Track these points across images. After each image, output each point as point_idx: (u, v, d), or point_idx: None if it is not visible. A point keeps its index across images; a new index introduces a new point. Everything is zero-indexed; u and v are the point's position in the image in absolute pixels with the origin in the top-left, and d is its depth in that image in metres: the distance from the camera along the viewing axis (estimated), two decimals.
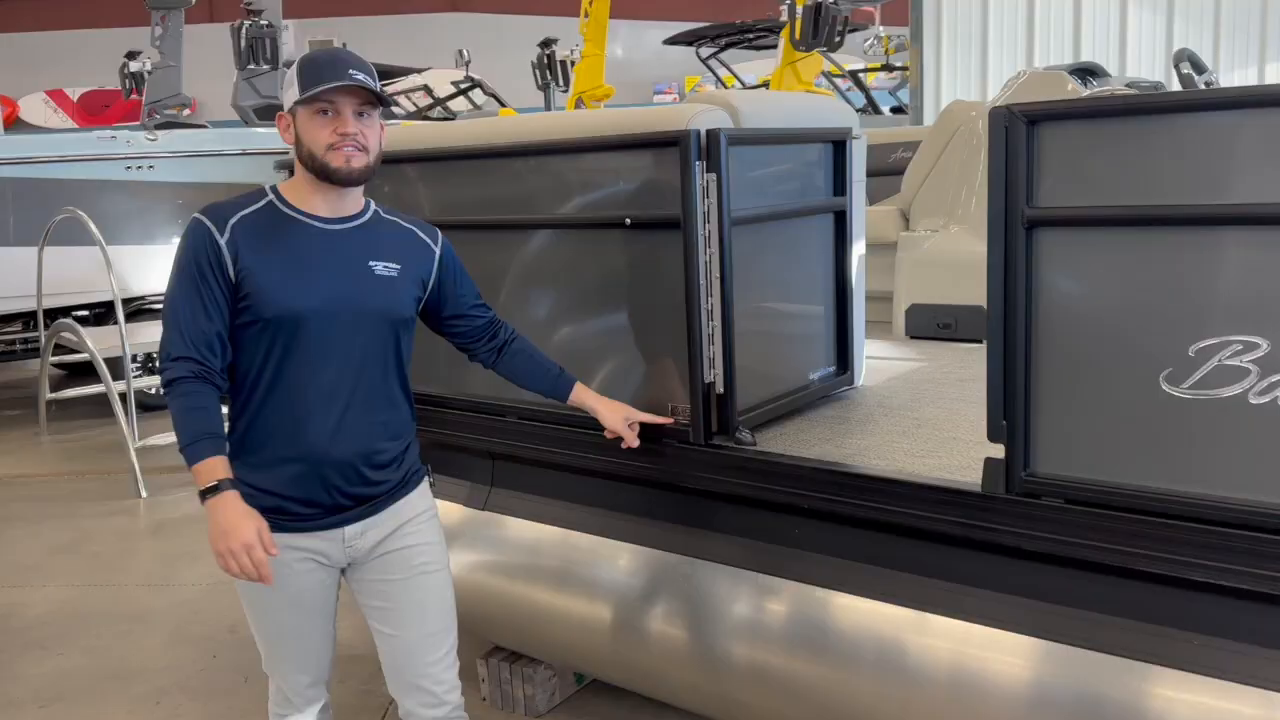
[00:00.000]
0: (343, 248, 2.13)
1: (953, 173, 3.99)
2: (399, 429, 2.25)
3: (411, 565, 2.27)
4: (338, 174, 2.08)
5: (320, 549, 2.19)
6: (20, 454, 6.92)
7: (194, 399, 2.02)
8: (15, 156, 7.49)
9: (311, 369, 2.10)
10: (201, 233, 2.07)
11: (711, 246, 2.46)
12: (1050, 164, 1.99)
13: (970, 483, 2.15)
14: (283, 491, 2.13)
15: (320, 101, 2.05)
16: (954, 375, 3.23)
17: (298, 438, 2.11)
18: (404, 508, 2.27)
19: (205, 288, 2.05)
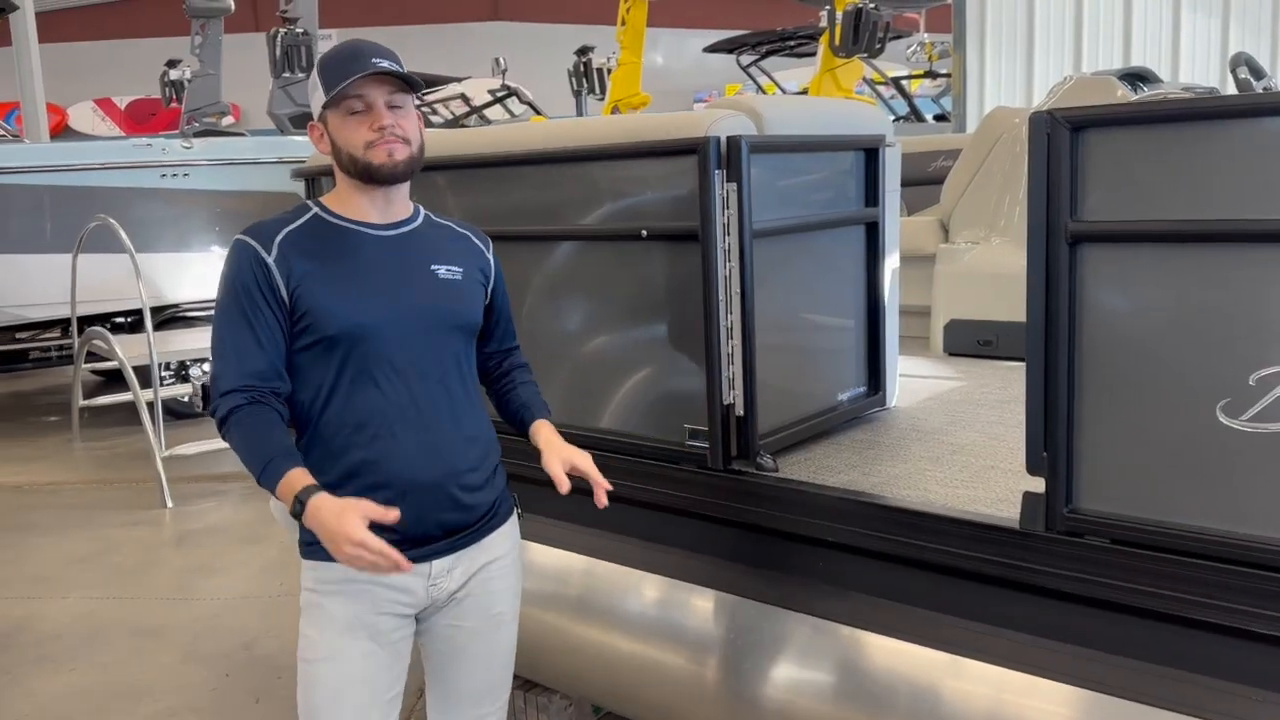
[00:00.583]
0: (401, 253, 1.96)
1: (995, 182, 3.82)
2: (486, 446, 2.07)
3: (488, 614, 2.07)
4: (382, 171, 1.90)
5: (402, 587, 1.96)
6: (53, 460, 6.93)
7: (253, 424, 1.84)
8: (53, 164, 7.53)
9: (386, 385, 1.91)
10: (247, 254, 1.89)
11: (731, 260, 2.32)
12: (1096, 174, 1.83)
13: (1007, 518, 1.99)
14: None
15: (349, 99, 1.88)
16: (994, 396, 3.06)
17: (379, 463, 1.91)
18: (490, 545, 2.07)
19: (255, 313, 1.87)
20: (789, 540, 2.37)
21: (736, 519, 2.42)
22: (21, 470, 6.70)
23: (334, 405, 1.92)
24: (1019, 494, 2.16)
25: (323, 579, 1.97)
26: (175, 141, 8.01)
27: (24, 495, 6.18)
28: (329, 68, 1.90)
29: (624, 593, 2.69)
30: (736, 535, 2.47)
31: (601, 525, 2.76)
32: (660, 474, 2.52)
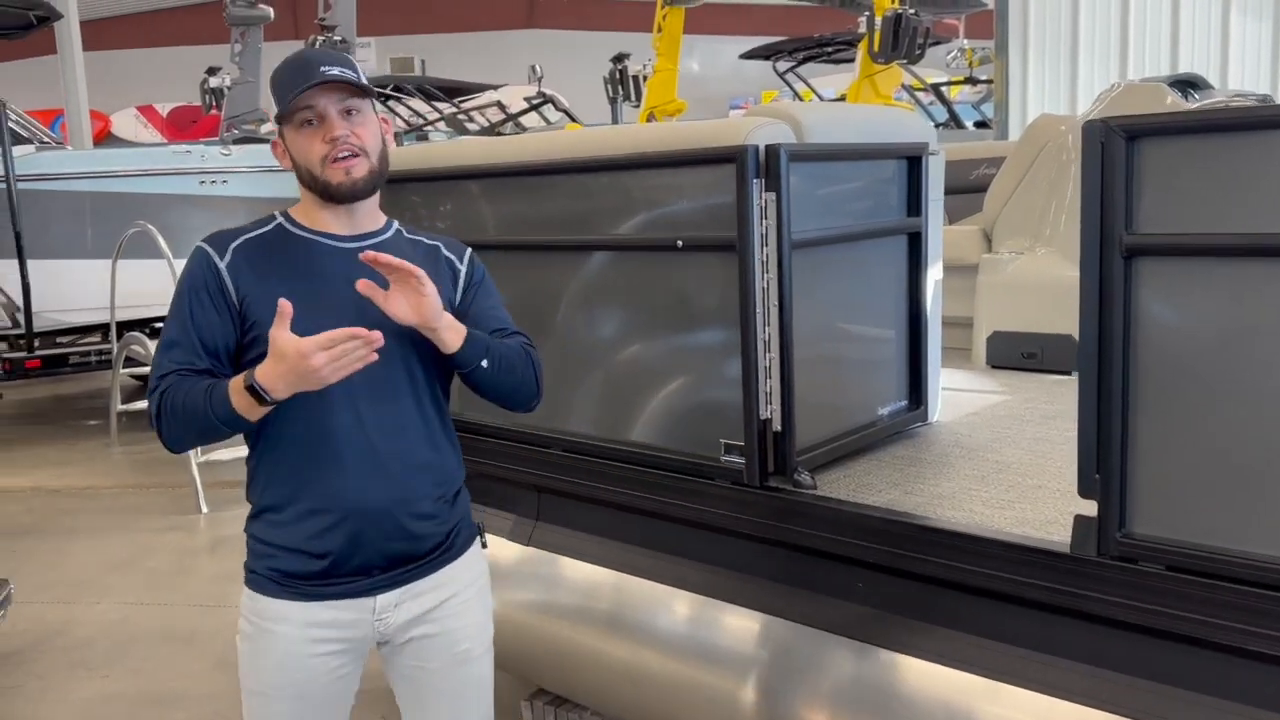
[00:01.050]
0: (360, 267, 1.83)
1: (1040, 191, 3.73)
2: (443, 475, 1.96)
3: (452, 653, 1.98)
4: (340, 190, 1.83)
5: (345, 622, 1.89)
6: (91, 464, 6.99)
7: (185, 384, 1.77)
8: (94, 170, 7.61)
9: (334, 405, 1.83)
10: (200, 258, 1.86)
11: (769, 271, 2.26)
12: (1152, 184, 1.75)
13: (1057, 542, 1.91)
14: (307, 548, 1.85)
15: (300, 111, 1.81)
16: (1039, 411, 2.97)
17: (324, 486, 1.84)
18: (449, 577, 1.97)
19: (203, 314, 1.83)
20: (827, 559, 2.30)
21: (772, 537, 2.36)
22: (60, 473, 6.76)
23: (280, 423, 1.84)
24: (1069, 516, 2.08)
25: (258, 612, 1.91)
26: (214, 148, 8.07)
27: (62, 498, 6.23)
28: (279, 82, 1.83)
29: (656, 609, 2.63)
30: (772, 553, 2.41)
31: (633, 540, 2.71)
32: (694, 489, 2.46)
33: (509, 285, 2.83)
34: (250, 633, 1.92)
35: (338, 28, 8.03)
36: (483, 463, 2.98)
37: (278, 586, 1.89)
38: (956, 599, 2.08)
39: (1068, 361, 3.50)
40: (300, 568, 1.87)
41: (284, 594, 1.88)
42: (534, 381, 1.99)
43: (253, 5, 9.42)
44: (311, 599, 1.88)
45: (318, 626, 1.88)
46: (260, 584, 1.91)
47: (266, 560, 1.89)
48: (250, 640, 1.92)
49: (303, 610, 1.88)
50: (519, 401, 2.00)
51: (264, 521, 1.90)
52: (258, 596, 1.91)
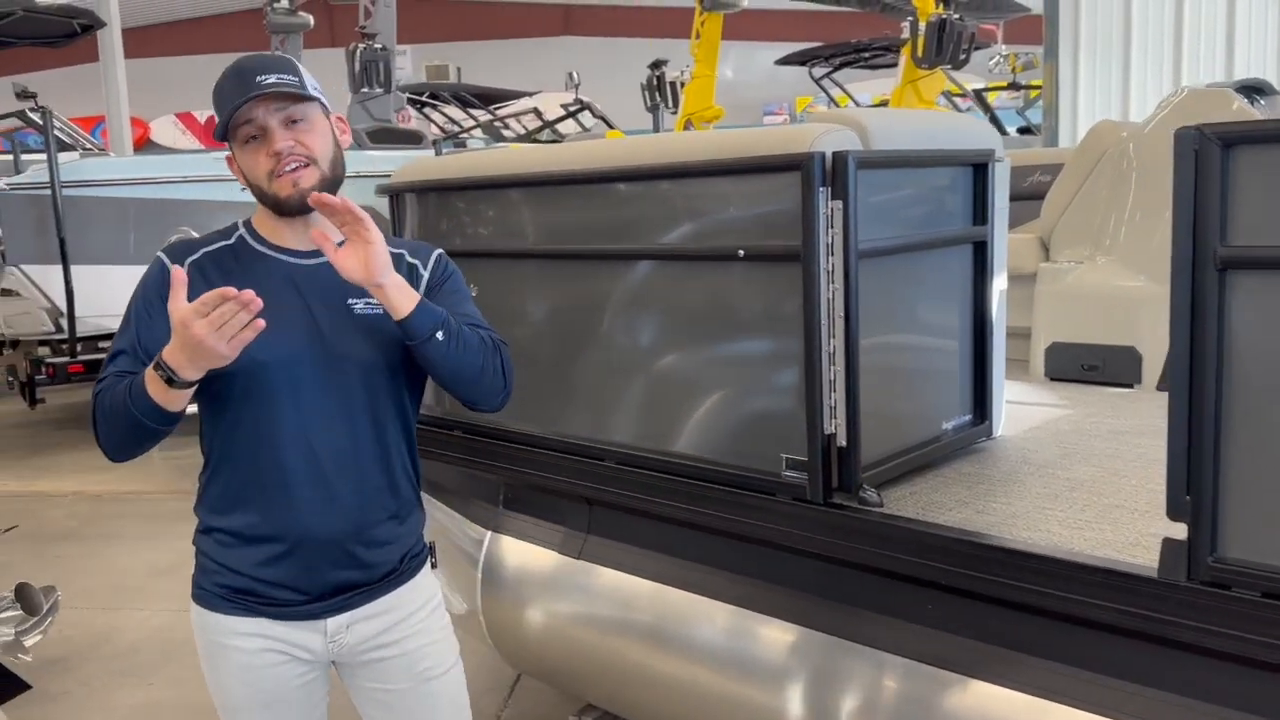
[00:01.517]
0: (317, 285, 1.81)
1: (1100, 199, 3.64)
2: (399, 502, 1.93)
3: (415, 672, 1.96)
4: (289, 203, 1.77)
5: (297, 640, 1.88)
6: (132, 470, 7.00)
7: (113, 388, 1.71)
8: (137, 177, 7.66)
9: (285, 428, 1.79)
10: (155, 270, 1.83)
11: (835, 282, 2.19)
12: (1248, 195, 1.68)
13: (1144, 566, 1.83)
14: (255, 574, 1.83)
15: (242, 127, 1.75)
16: (1105, 426, 2.89)
17: (274, 513, 1.81)
18: (400, 600, 1.95)
19: (149, 324, 1.77)
20: (893, 579, 2.23)
21: (836, 555, 2.29)
22: (102, 479, 6.80)
23: (232, 446, 1.81)
24: (1151, 537, 2.01)
25: (210, 628, 1.89)
26: None
27: (104, 504, 6.26)
28: (218, 96, 1.77)
29: (709, 625, 2.58)
30: (833, 572, 2.34)
31: (687, 555, 2.65)
32: (753, 504, 2.40)
33: (558, 295, 2.80)
34: (208, 651, 1.91)
35: (378, 35, 8.04)
36: (531, 474, 2.94)
37: (227, 603, 1.87)
38: (1033, 623, 2.00)
39: (1130, 374, 3.41)
40: (249, 587, 1.85)
41: (234, 610, 1.86)
42: (499, 372, 1.90)
43: (293, 13, 9.49)
44: (262, 616, 1.86)
45: (272, 639, 1.87)
46: (209, 600, 1.89)
47: (215, 576, 1.87)
48: (209, 658, 1.92)
49: (256, 625, 1.86)
50: (483, 392, 1.90)
51: (213, 540, 1.88)
52: (207, 613, 1.89)
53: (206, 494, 1.90)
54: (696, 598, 2.60)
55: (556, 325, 2.79)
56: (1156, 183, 3.48)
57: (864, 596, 2.30)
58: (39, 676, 3.68)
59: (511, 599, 3.04)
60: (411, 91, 10.86)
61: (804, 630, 2.38)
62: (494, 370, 1.90)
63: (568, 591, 2.90)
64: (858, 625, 2.29)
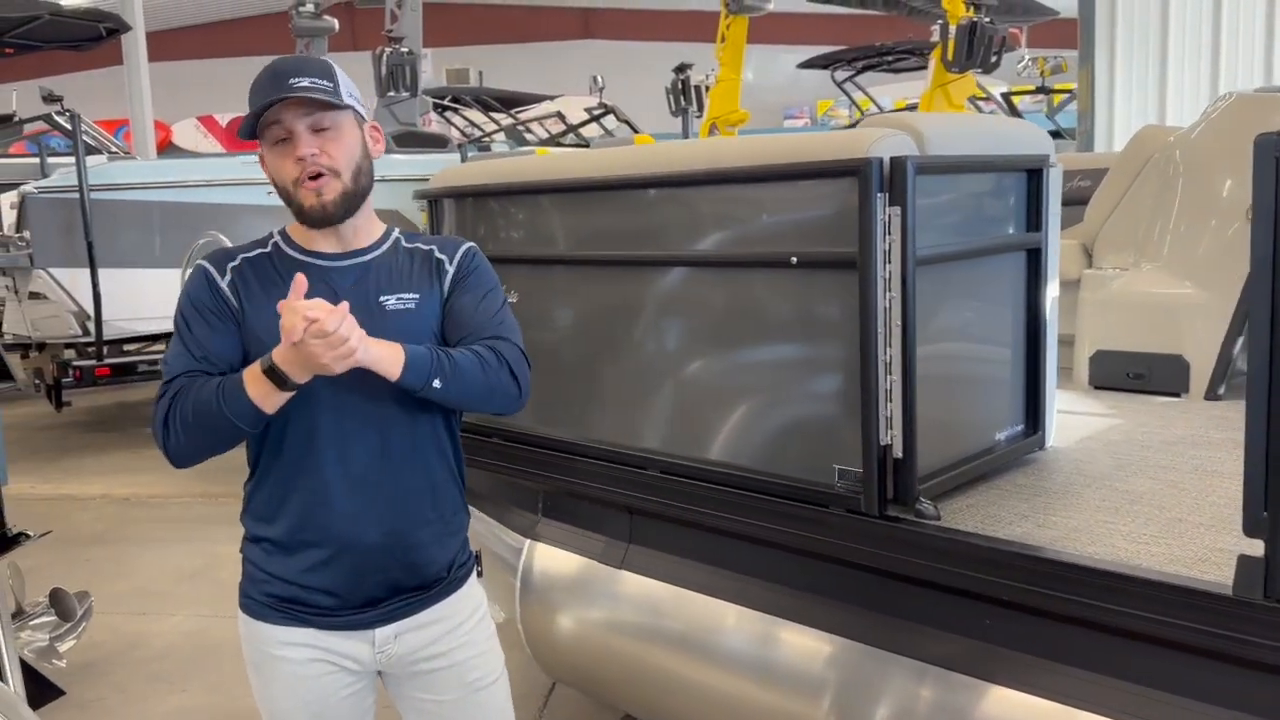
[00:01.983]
0: (350, 287, 1.81)
1: (1144, 205, 3.58)
2: (441, 506, 1.91)
3: (465, 683, 1.95)
4: (311, 214, 1.77)
5: (346, 651, 1.87)
6: (158, 473, 7.02)
7: (195, 384, 1.71)
8: (164, 181, 7.67)
9: (326, 435, 1.78)
10: (199, 278, 1.83)
11: (893, 290, 2.15)
12: None
13: (1218, 583, 1.78)
14: (301, 581, 1.82)
15: (270, 128, 1.74)
16: (1157, 437, 2.83)
17: (318, 519, 1.80)
18: (450, 609, 1.93)
19: (205, 330, 1.78)
20: (949, 593, 2.18)
21: (890, 569, 2.25)
22: (128, 482, 6.80)
23: (275, 453, 1.81)
24: (1218, 552, 1.96)
25: (260, 639, 1.87)
26: None
27: (131, 507, 6.26)
28: (252, 94, 1.75)
29: (755, 638, 2.53)
30: (887, 585, 2.30)
31: (732, 566, 2.61)
32: (803, 516, 2.36)
33: (600, 301, 2.76)
34: (257, 661, 1.90)
35: (405, 39, 8.04)
36: (571, 481, 2.91)
37: (276, 613, 1.85)
38: (1098, 639, 1.96)
39: (1178, 383, 3.35)
40: (296, 596, 1.84)
41: (284, 620, 1.85)
42: (511, 382, 1.85)
43: (318, 16, 9.49)
44: (310, 625, 1.85)
45: (321, 649, 1.86)
46: (258, 610, 1.87)
47: (262, 586, 1.86)
48: (258, 669, 1.90)
49: (305, 635, 1.85)
50: (497, 406, 1.88)
51: (260, 548, 1.87)
52: (255, 623, 1.88)
53: (252, 502, 1.89)
54: (741, 609, 2.56)
55: (598, 332, 2.75)
56: (1204, 189, 3.42)
57: (917, 610, 2.25)
58: (71, 682, 3.66)
59: (551, 607, 3.01)
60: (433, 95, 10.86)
61: (852, 643, 2.34)
62: (502, 386, 1.85)
63: (610, 601, 2.86)
64: (909, 639, 2.24)
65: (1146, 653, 1.89)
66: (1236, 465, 2.53)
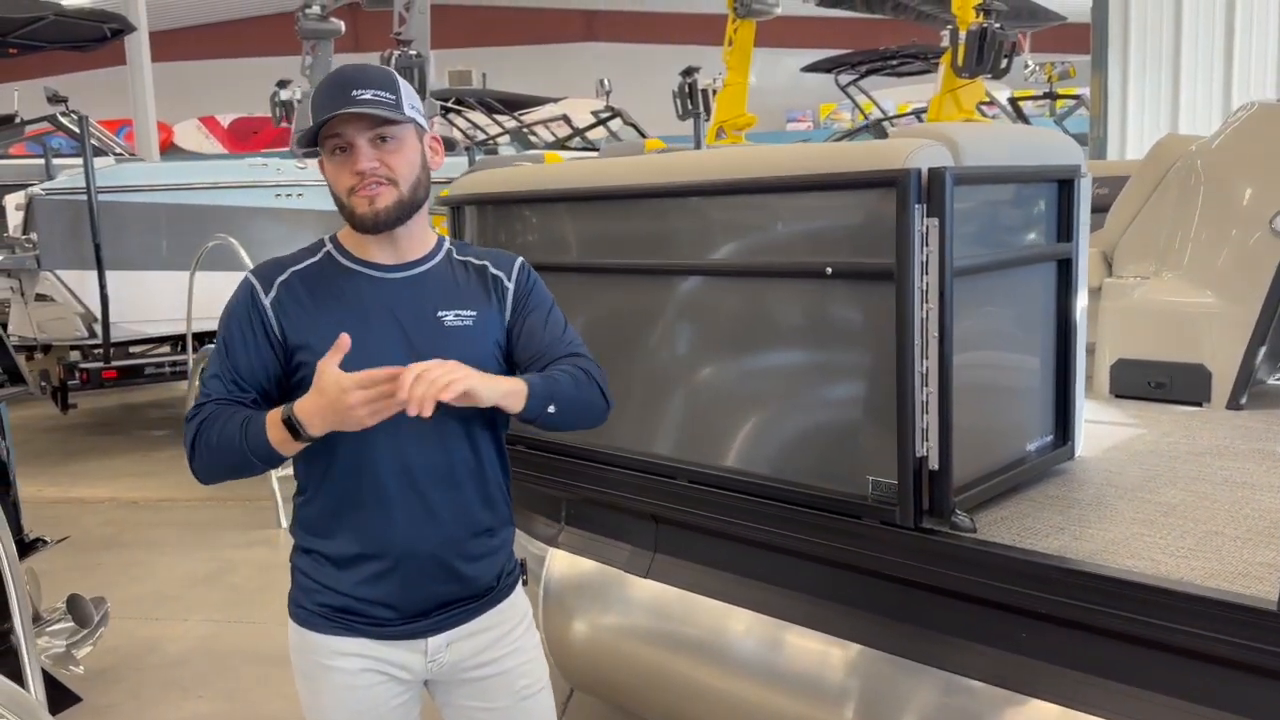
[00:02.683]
0: (407, 299, 1.82)
1: (1165, 214, 3.58)
2: (494, 516, 1.93)
3: (514, 690, 1.96)
4: (364, 221, 1.77)
5: (398, 660, 1.87)
6: (166, 476, 7.00)
7: (223, 415, 1.72)
8: (171, 183, 7.66)
9: (382, 445, 1.78)
10: (244, 293, 1.81)
11: (930, 301, 2.14)
12: None
13: (1261, 598, 1.78)
14: (355, 593, 1.83)
15: (330, 139, 1.74)
16: (1184, 447, 2.83)
17: (374, 531, 1.81)
18: (500, 617, 1.95)
19: (243, 347, 1.78)
20: (985, 606, 2.18)
21: (926, 581, 2.24)
22: (136, 485, 6.79)
23: (329, 466, 1.80)
24: (1258, 566, 1.96)
25: (311, 649, 1.87)
26: (290, 161, 8.09)
27: (140, 511, 6.24)
28: (314, 102, 1.76)
29: (786, 651, 2.52)
30: (921, 598, 2.29)
31: (762, 577, 2.60)
32: (836, 527, 2.35)
33: (629, 310, 2.75)
34: (307, 670, 1.89)
35: (413, 42, 8.01)
36: (596, 490, 2.90)
37: (329, 623, 1.85)
38: (1138, 653, 1.95)
39: (1199, 392, 3.35)
40: (349, 606, 1.84)
41: (337, 630, 1.85)
42: (601, 400, 1.90)
43: (324, 19, 9.46)
44: (365, 636, 1.85)
45: (373, 659, 1.86)
46: (310, 620, 1.87)
47: (316, 596, 1.86)
48: (309, 679, 1.90)
49: (358, 645, 1.85)
50: (592, 422, 1.92)
51: (312, 559, 1.87)
52: (308, 633, 1.87)
53: (303, 515, 1.89)
54: (767, 619, 2.56)
55: (627, 340, 2.74)
56: (1225, 198, 3.42)
57: (949, 622, 2.24)
58: (87, 689, 3.65)
59: (575, 615, 3.00)
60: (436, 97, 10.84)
61: (881, 654, 2.33)
62: (597, 403, 1.90)
63: (635, 609, 2.85)
64: (940, 651, 2.24)
65: (1187, 667, 1.89)
66: (1266, 477, 2.55)
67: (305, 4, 9.39)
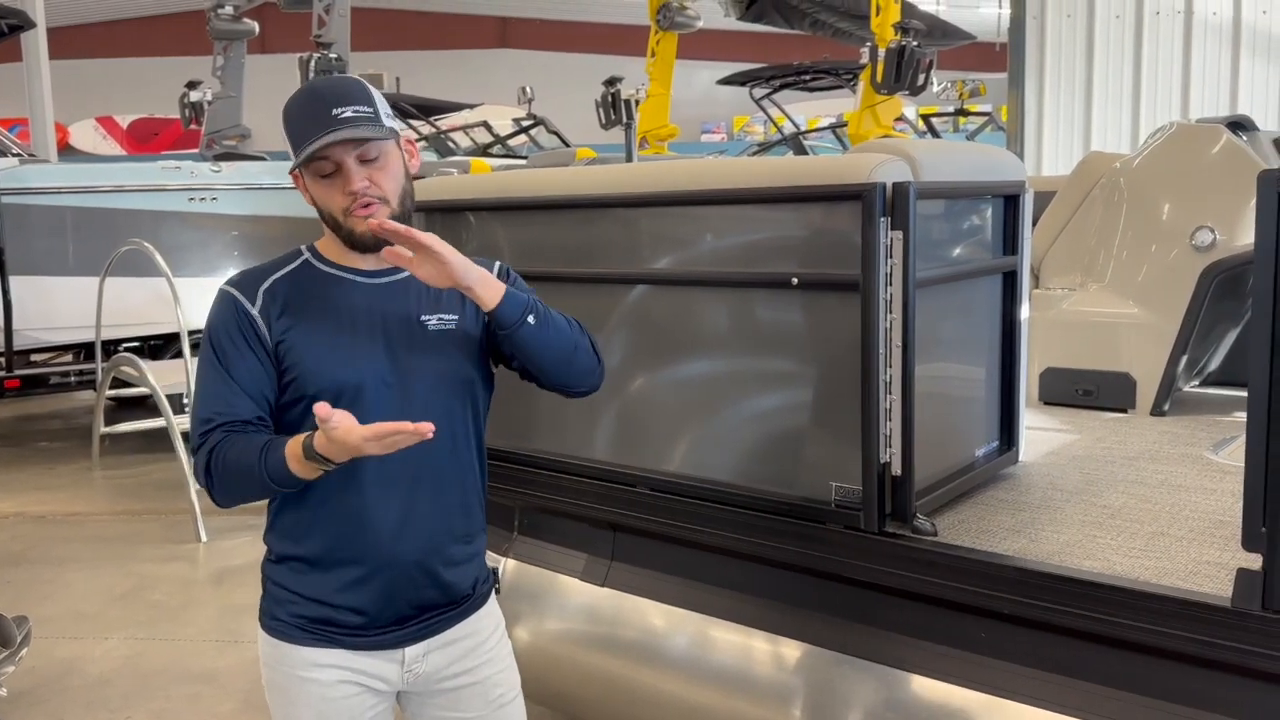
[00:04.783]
0: (391, 304, 1.82)
1: (1091, 228, 3.73)
2: (471, 522, 1.92)
3: (489, 699, 1.96)
4: (364, 241, 1.76)
5: (374, 671, 1.86)
6: (74, 490, 6.73)
7: (234, 444, 1.69)
8: (80, 185, 7.38)
9: (365, 458, 1.72)
10: (229, 305, 1.78)
11: (894, 311, 2.21)
12: None
13: (1218, 595, 1.87)
14: (334, 600, 1.81)
15: (316, 161, 1.73)
16: (1117, 452, 2.95)
17: (355, 536, 1.79)
18: (475, 626, 1.95)
19: (240, 360, 1.75)
20: (946, 608, 2.24)
21: (889, 584, 2.30)
22: (43, 499, 6.51)
23: None
24: (1206, 565, 2.06)
25: (285, 660, 1.84)
26: (204, 165, 7.87)
27: (49, 526, 5.98)
28: (290, 120, 1.75)
29: (748, 656, 2.56)
30: (884, 601, 2.35)
31: (722, 583, 2.64)
32: (800, 532, 2.40)
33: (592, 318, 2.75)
34: (281, 683, 1.86)
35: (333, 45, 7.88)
36: (552, 498, 2.90)
37: (305, 634, 1.83)
38: (1097, 651, 2.03)
39: (1125, 399, 3.50)
40: (327, 616, 1.82)
41: (313, 641, 1.83)
42: (590, 348, 1.91)
43: (237, 19, 9.25)
44: (342, 646, 1.83)
45: (350, 670, 1.84)
46: (285, 631, 1.84)
47: (291, 606, 1.83)
48: (283, 691, 1.86)
49: (334, 656, 1.83)
50: (579, 371, 1.90)
51: (288, 568, 1.84)
52: (283, 645, 1.84)
53: (278, 521, 1.85)
54: (731, 625, 2.59)
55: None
56: (1146, 213, 3.59)
57: (910, 624, 2.30)
58: (6, 712, 3.49)
59: (528, 626, 2.99)
60: None
61: (842, 656, 2.38)
62: (586, 348, 1.91)
63: (591, 619, 2.86)
64: (901, 652, 2.30)
65: (1146, 664, 1.97)
66: (1199, 480, 2.68)
67: (218, 4, 9.17)
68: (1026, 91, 6.63)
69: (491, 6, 21.05)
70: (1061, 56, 6.51)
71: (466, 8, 21.15)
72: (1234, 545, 2.02)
